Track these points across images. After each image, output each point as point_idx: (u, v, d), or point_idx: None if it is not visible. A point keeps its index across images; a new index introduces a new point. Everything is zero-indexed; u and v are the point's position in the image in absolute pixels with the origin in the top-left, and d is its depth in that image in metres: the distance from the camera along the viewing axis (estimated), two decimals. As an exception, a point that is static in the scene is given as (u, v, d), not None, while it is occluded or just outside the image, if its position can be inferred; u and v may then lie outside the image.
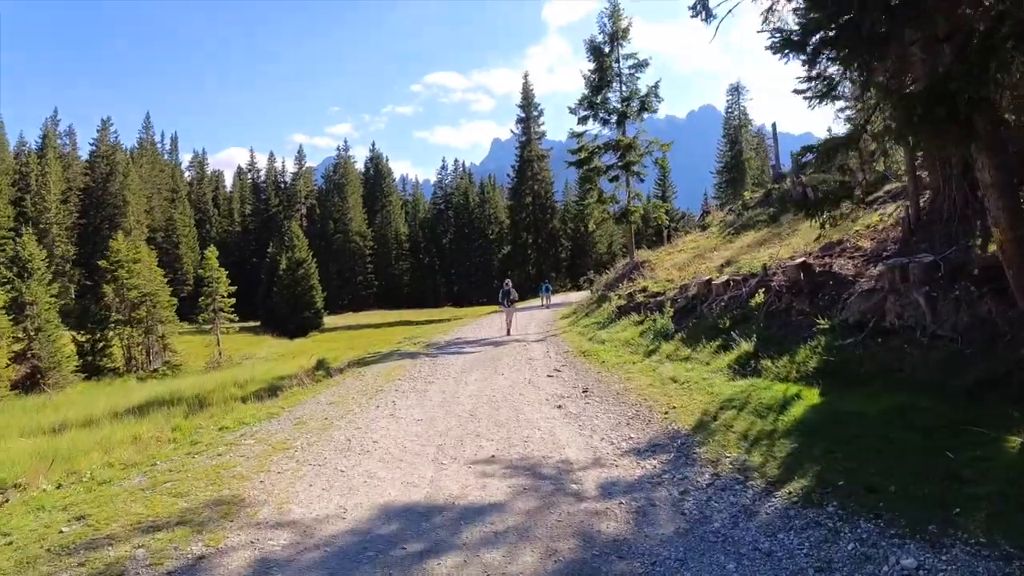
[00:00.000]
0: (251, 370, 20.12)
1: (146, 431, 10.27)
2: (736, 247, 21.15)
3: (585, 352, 14.29)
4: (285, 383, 15.51)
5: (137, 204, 74.34)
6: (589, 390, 10.03)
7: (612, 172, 25.34)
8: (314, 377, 14.96)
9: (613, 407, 8.76)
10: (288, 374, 17.23)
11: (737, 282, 13.77)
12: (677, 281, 18.48)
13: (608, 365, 12.22)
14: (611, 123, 25.51)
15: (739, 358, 10.24)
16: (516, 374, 11.94)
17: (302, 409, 9.59)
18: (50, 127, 77.71)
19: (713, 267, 18.22)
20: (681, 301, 15.23)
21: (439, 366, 13.66)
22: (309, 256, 58.99)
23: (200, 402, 14.45)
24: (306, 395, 11.05)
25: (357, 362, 16.20)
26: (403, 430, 7.74)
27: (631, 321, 16.78)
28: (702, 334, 12.24)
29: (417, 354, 16.57)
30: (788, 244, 17.49)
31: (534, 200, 70.23)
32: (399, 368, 13.65)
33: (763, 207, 26.36)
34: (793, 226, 20.18)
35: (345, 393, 10.83)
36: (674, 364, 11.14)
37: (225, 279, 39.94)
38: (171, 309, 36.76)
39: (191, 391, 16.95)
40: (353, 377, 12.98)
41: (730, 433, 7.10)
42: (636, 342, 14.05)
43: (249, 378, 17.21)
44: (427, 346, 18.95)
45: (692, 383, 9.49)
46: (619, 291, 22.51)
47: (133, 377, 30.69)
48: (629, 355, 12.95)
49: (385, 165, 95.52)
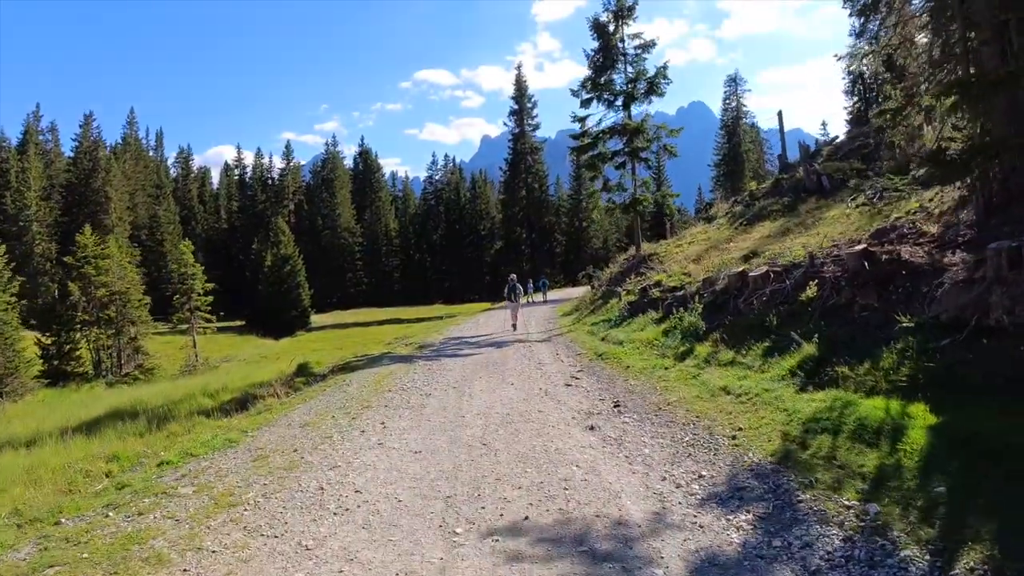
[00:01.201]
0: (226, 376, 18.16)
1: (86, 456, 8.39)
2: (754, 238, 19.39)
3: (602, 355, 12.47)
4: (260, 391, 13.65)
5: (120, 201, 71.87)
6: (621, 404, 8.22)
7: (618, 159, 23.53)
8: (292, 385, 13.10)
9: (660, 428, 6.96)
10: (265, 380, 15.34)
11: (778, 273, 12.00)
12: (696, 274, 16.75)
13: (634, 371, 10.42)
14: (616, 105, 23.70)
15: (802, 363, 8.46)
16: (528, 383, 10.11)
17: (268, 433, 7.74)
18: (32, 123, 75.09)
19: (733, 259, 16.47)
20: (707, 296, 13.46)
21: (436, 373, 11.81)
22: (295, 253, 56.60)
23: (162, 416, 12.52)
24: (276, 413, 9.20)
25: (342, 367, 14.33)
26: (397, 470, 5.91)
27: (649, 319, 15.01)
28: (745, 334, 10.47)
29: (410, 357, 14.71)
30: (817, 233, 15.81)
31: (528, 194, 68.32)
32: (389, 376, 11.78)
33: (774, 197, 24.67)
34: (815, 215, 18.55)
35: (324, 409, 8.96)
36: (718, 370, 9.35)
37: (202, 276, 37.17)
38: (144, 308, 34.02)
39: (156, 401, 15.00)
40: (336, 387, 11.09)
41: (833, 468, 5.32)
42: (661, 343, 12.25)
43: (222, 386, 15.28)
44: (420, 348, 17.10)
45: (752, 396, 7.70)
46: (627, 286, 20.78)
47: (102, 383, 28.35)
48: (657, 358, 11.16)
49: (374, 160, 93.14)
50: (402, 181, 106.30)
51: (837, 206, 17.93)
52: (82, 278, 30.69)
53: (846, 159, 23.64)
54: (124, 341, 31.32)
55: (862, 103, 55.39)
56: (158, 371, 31.26)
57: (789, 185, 24.91)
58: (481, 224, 79.61)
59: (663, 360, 10.90)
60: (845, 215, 16.56)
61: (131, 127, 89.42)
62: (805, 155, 26.49)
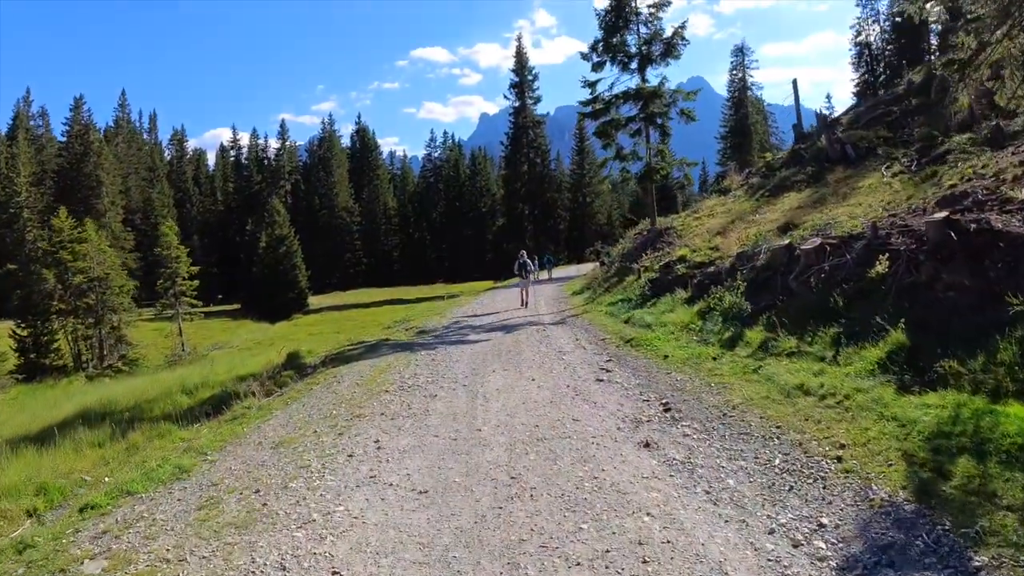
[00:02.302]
0: (211, 368, 16.60)
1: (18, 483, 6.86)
2: (782, 209, 17.74)
3: (631, 341, 10.89)
4: (243, 387, 12.15)
5: (112, 185, 69.91)
6: (672, 406, 6.66)
7: (632, 125, 21.71)
8: (278, 380, 11.55)
9: (734, 444, 5.41)
10: (251, 373, 13.82)
11: (834, 246, 10.39)
12: (726, 248, 15.14)
13: (676, 362, 8.85)
14: (631, 69, 21.83)
15: (893, 355, 6.89)
16: (551, 377, 8.55)
17: (232, 457, 6.17)
18: (22, 108, 73.23)
19: (768, 231, 14.83)
20: (747, 272, 11.85)
21: (441, 365, 10.24)
22: (291, 233, 54.60)
23: (130, 419, 11.02)
24: (250, 422, 7.64)
25: (335, 357, 12.77)
26: (394, 526, 4.28)
27: (678, 299, 13.43)
28: (804, 317, 8.88)
29: (411, 345, 13.14)
30: (859, 203, 14.25)
31: (530, 169, 66.17)
32: (387, 369, 10.19)
33: (794, 167, 23.06)
34: (847, 184, 16.97)
35: (306, 419, 7.38)
36: (783, 362, 7.77)
37: (187, 259, 35.12)
38: (127, 295, 31.91)
39: (129, 400, 13.50)
40: (325, 384, 9.52)
41: (999, 510, 3.80)
42: (699, 327, 10.68)
43: (203, 380, 13.75)
44: (422, 333, 15.52)
45: (840, 397, 6.15)
46: (644, 262, 19.16)
47: (82, 376, 26.65)
48: (698, 345, 9.60)
49: (371, 138, 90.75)
50: (400, 160, 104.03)
51: (870, 175, 16.46)
52: (57, 264, 28.79)
53: (868, 128, 22.27)
54: (105, 331, 29.51)
55: (869, 74, 53.78)
56: (143, 362, 29.43)
57: (810, 155, 23.44)
58: (482, 201, 77.60)
59: (707, 348, 9.32)
60: (884, 184, 15.10)
61: (123, 110, 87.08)
62: (823, 124, 25.21)
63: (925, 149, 16.85)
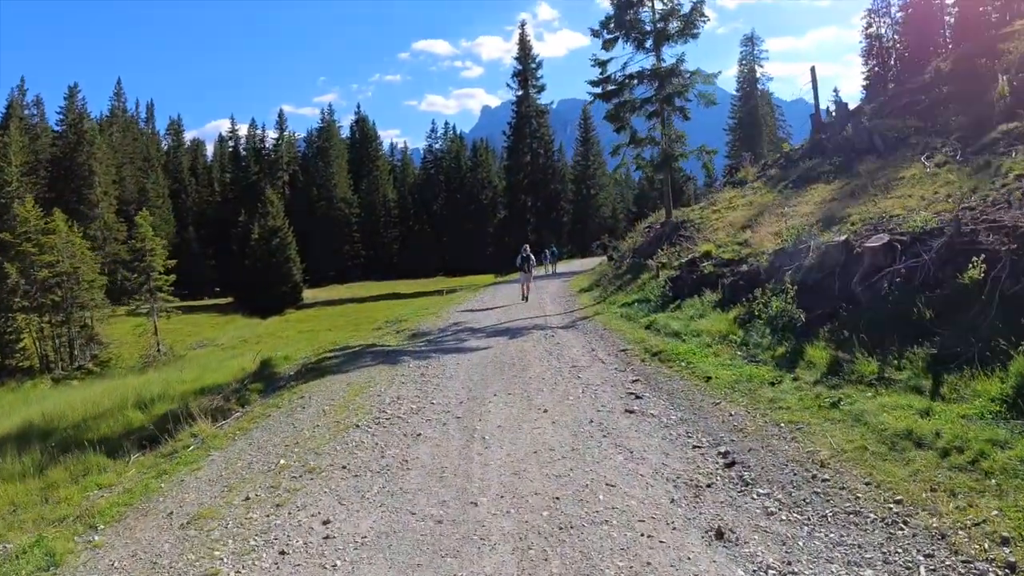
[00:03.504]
0: (179, 374, 14.87)
1: None
2: (814, 201, 16.04)
3: (658, 354, 9.16)
4: (204, 401, 10.50)
5: (105, 174, 68.17)
6: (735, 459, 4.96)
7: (648, 107, 19.89)
8: (241, 397, 9.86)
9: (842, 534, 3.71)
10: (218, 383, 12.15)
11: (905, 244, 8.67)
12: (758, 244, 13.42)
13: (721, 386, 7.12)
14: (646, 47, 19.98)
15: (1021, 388, 5.20)
16: (567, 406, 6.83)
17: (119, 545, 4.36)
18: (16, 97, 71.32)
19: (802, 225, 13.10)
20: (792, 272, 10.11)
21: (431, 383, 8.50)
22: (285, 224, 52.50)
23: (69, 442, 9.37)
24: (176, 471, 5.91)
25: (312, 367, 11.04)
26: None
27: (707, 302, 11.70)
28: (880, 331, 7.18)
29: (398, 354, 11.39)
30: (906, 194, 12.61)
31: (533, 159, 64.12)
32: (366, 388, 8.43)
33: (817, 158, 21.51)
34: (883, 175, 15.39)
35: (244, 471, 5.60)
36: (867, 394, 6.06)
37: (162, 251, 32.66)
38: (99, 290, 29.86)
39: (79, 413, 11.79)
40: (286, 410, 7.75)
41: None
42: (739, 338, 8.96)
43: (164, 390, 12.05)
44: (415, 337, 13.79)
45: (971, 453, 4.45)
46: (662, 258, 17.43)
47: (48, 379, 24.70)
48: (746, 363, 7.87)
49: (371, 128, 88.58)
50: (400, 151, 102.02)
51: (908, 165, 15.06)
52: (21, 258, 26.70)
53: (895, 117, 20.91)
54: (75, 329, 27.53)
55: (879, 67, 52.11)
56: (116, 362, 27.36)
57: (834, 145, 21.98)
58: (483, 193, 75.64)
59: (757, 367, 7.58)
60: (929, 174, 13.61)
61: (118, 99, 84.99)
62: (845, 114, 23.81)
63: (967, 138, 15.48)
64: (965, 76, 20.49)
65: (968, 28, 36.69)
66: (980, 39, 25.34)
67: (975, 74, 20.58)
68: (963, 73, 21.26)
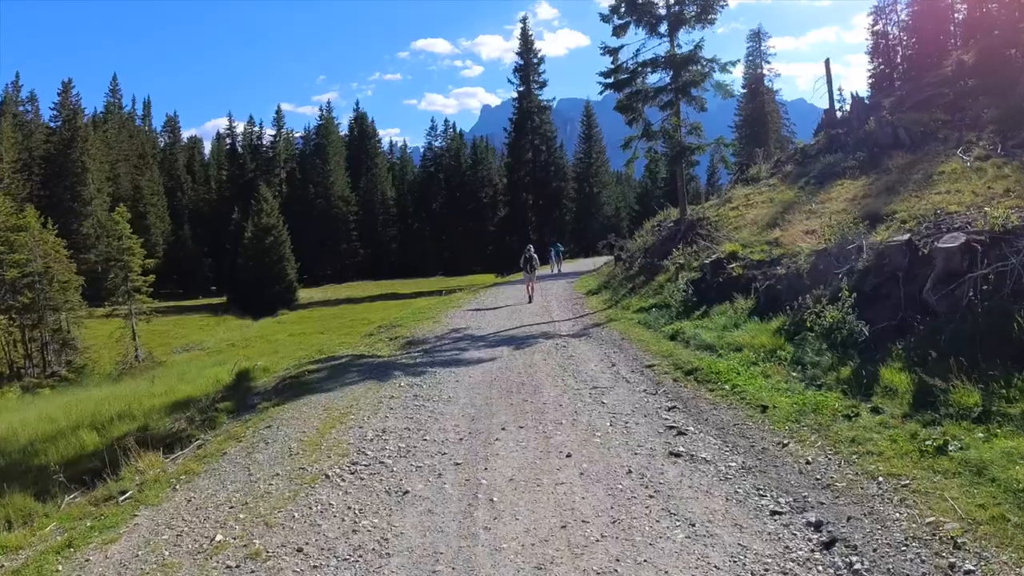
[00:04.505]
0: (150, 386, 13.48)
1: None
2: (845, 197, 14.75)
3: (693, 372, 7.82)
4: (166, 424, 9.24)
5: (98, 171, 66.85)
6: (834, 534, 3.64)
7: (663, 97, 18.49)
8: (209, 419, 8.53)
9: None
10: (190, 396, 10.84)
11: (985, 245, 7.34)
12: (790, 243, 12.07)
13: (782, 419, 5.79)
14: (660, 32, 18.60)
15: None
16: (594, 447, 5.50)
17: None
18: (10, 93, 70.23)
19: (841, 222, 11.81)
20: (843, 276, 8.78)
21: (424, 411, 7.15)
22: (280, 222, 50.90)
23: (8, 472, 8.09)
24: (95, 533, 4.58)
25: (290, 383, 9.70)
26: None
27: (740, 309, 10.38)
28: (973, 350, 5.84)
29: (390, 367, 10.05)
30: (953, 190, 11.45)
31: (535, 156, 62.55)
32: (345, 417, 7.05)
33: (837, 153, 20.37)
34: (915, 169, 14.34)
35: (170, 547, 4.10)
36: (976, 434, 4.72)
37: (140, 250, 30.64)
38: (75, 291, 27.99)
39: (29, 434, 10.44)
40: (245, 447, 6.32)
41: None
42: (789, 354, 7.62)
43: (127, 407, 10.68)
44: (409, 345, 12.45)
45: None
46: (679, 259, 16.11)
47: (18, 387, 22.87)
48: (805, 387, 6.55)
49: (370, 125, 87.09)
50: (400, 149, 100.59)
51: (943, 160, 13.50)
52: (-12, 257, 24.96)
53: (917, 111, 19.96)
54: (48, 333, 25.87)
55: (885, 65, 51.08)
56: (93, 368, 25.71)
57: (855, 140, 20.96)
58: (483, 192, 74.13)
59: (823, 394, 6.23)
60: (973, 169, 12.67)
61: (114, 95, 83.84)
62: (863, 109, 22.81)
63: (1003, 131, 14.08)
64: (991, 68, 19.55)
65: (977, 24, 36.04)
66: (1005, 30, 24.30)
67: (1003, 66, 19.61)
68: (989, 65, 20.27)
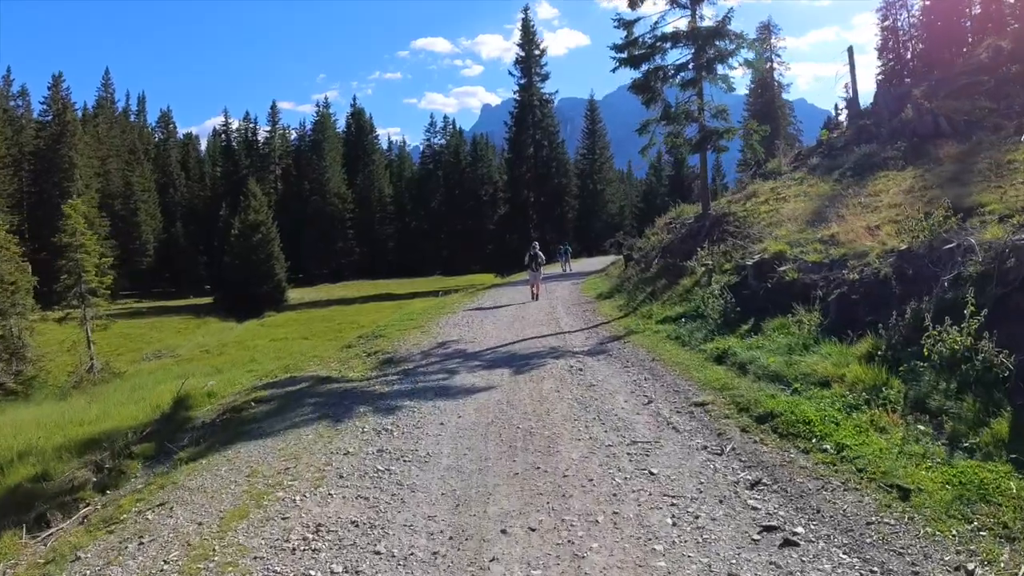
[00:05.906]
0: (81, 410, 11.31)
1: None
2: (899, 189, 12.66)
3: (766, 418, 5.63)
4: (67, 472, 7.13)
5: (87, 167, 64.88)
6: None
7: (684, 75, 16.29)
8: (118, 469, 6.39)
9: None
10: (117, 428, 8.67)
11: None
12: (853, 242, 9.89)
13: (939, 515, 3.60)
14: (680, 3, 16.39)
15: None
16: (650, 572, 3.31)
17: None
18: (1, 87, 68.08)
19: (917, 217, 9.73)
20: (949, 285, 6.63)
21: (389, 481, 4.92)
22: (268, 218, 48.36)
23: None
24: None
25: (230, 417, 7.52)
26: None
27: (805, 324, 8.19)
28: None
29: (355, 399, 7.83)
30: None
31: (537, 151, 60.16)
32: (271, 490, 4.74)
33: (872, 144, 18.55)
34: (984, 157, 12.55)
35: None
36: None
37: (96, 247, 27.77)
38: (26, 294, 24.44)
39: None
40: (111, 550, 4.10)
41: None
42: (897, 392, 5.45)
43: (38, 441, 8.55)
44: (387, 364, 10.24)
45: None
46: (706, 259, 13.90)
47: None
48: (946, 453, 4.34)
49: (367, 122, 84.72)
50: (398, 147, 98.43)
51: (1006, 148, 11.97)
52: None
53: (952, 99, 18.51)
54: None
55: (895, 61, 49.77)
56: (46, 379, 23.22)
57: (889, 130, 19.25)
58: (483, 190, 71.85)
59: (986, 467, 4.05)
60: None
61: (106, 89, 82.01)
62: (892, 98, 20.95)
63: None
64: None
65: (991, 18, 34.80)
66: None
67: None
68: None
